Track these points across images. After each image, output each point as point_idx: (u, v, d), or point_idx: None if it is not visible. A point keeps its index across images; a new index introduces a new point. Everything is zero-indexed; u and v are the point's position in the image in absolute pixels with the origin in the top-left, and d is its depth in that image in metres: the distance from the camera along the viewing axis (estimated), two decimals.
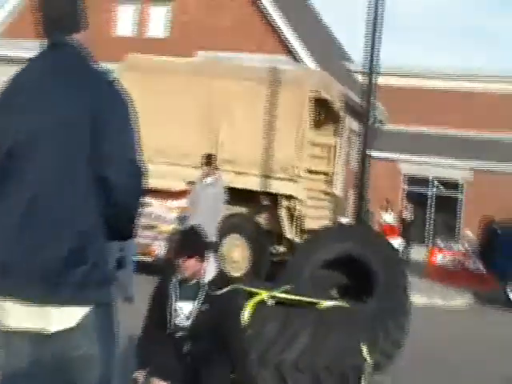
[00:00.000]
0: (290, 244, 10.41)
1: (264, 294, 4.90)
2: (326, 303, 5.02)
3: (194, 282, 4.04)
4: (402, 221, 17.18)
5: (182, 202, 10.17)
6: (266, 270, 10.23)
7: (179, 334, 3.97)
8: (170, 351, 3.99)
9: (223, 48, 17.94)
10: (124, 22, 19.43)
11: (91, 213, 2.32)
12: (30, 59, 2.49)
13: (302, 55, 17.33)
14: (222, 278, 4.13)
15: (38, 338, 2.28)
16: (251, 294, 4.83)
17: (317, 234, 7.25)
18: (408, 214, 17.50)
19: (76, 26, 2.47)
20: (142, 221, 10.60)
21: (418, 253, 17.74)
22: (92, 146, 2.30)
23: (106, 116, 2.33)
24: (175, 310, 3.98)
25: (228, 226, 10.43)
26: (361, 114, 9.00)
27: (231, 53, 17.45)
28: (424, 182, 22.16)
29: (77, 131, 2.30)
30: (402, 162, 22.13)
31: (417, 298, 12.28)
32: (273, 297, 5.02)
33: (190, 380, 4.02)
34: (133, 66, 11.54)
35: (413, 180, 22.41)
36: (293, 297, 5.11)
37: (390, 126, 23.02)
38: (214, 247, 4.26)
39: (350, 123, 17.49)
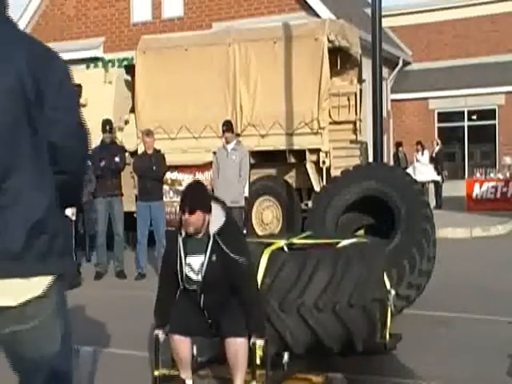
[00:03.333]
0: None
1: (281, 242, 4.99)
2: (344, 242, 5.02)
3: (201, 235, 4.15)
4: (432, 158, 17.17)
5: (210, 174, 10.51)
6: (298, 227, 10.46)
7: (193, 287, 4.16)
8: (187, 306, 4.21)
9: (239, 16, 18.08)
10: (139, 8, 19.63)
11: (48, 186, 2.24)
12: None
13: (318, 9, 17.26)
14: (231, 228, 4.17)
15: (5, 314, 2.22)
16: (269, 245, 4.89)
17: (334, 180, 7.44)
18: (436, 149, 17.50)
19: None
20: (174, 198, 11.05)
21: (459, 188, 17.71)
22: (37, 112, 2.20)
23: (46, 78, 2.23)
24: (186, 266, 4.15)
25: (258, 189, 10.89)
26: (385, 58, 9.07)
27: (247, 19, 17.58)
28: (457, 115, 21.93)
29: (20, 100, 2.17)
30: (433, 99, 21.92)
31: (457, 232, 12.46)
32: (290, 244, 5.11)
33: (208, 331, 4.26)
34: (147, 48, 11.82)
35: (445, 115, 22.19)
36: (310, 241, 5.21)
37: (417, 66, 22.82)
38: (223, 203, 4.38)
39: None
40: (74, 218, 9.24)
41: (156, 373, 4.39)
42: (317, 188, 10.23)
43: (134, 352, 5.51)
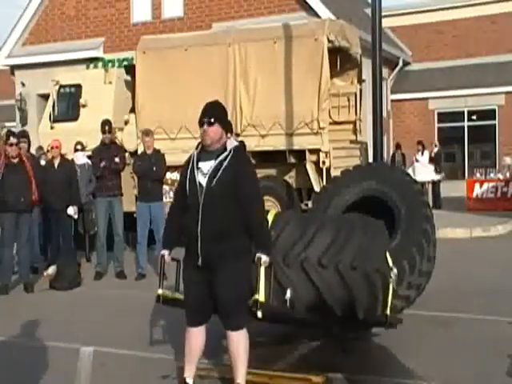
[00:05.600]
0: None
1: None
2: None
3: (216, 147, 4.21)
4: (431, 158, 17.21)
5: None
6: None
7: (197, 197, 4.13)
8: (191, 274, 4.21)
9: (239, 16, 18.08)
10: (139, 8, 19.61)
11: None
12: None
13: (318, 9, 17.25)
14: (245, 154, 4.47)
15: None
16: None
17: (334, 180, 7.44)
18: (434, 150, 17.57)
19: None
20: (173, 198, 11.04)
21: (459, 188, 17.70)
22: None
23: None
24: (197, 170, 4.19)
25: None
26: (385, 58, 9.03)
27: (247, 19, 17.58)
28: (457, 115, 21.92)
29: None
30: (433, 99, 21.91)
31: (457, 232, 12.47)
32: None
33: (212, 305, 4.26)
34: (147, 48, 11.81)
35: (445, 116, 22.19)
36: None
37: (416, 66, 22.82)
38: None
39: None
40: (75, 216, 9.25)
41: (160, 291, 4.45)
42: (317, 188, 10.23)
43: (134, 352, 5.52)
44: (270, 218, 4.77)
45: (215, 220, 4.08)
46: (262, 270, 4.16)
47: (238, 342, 4.17)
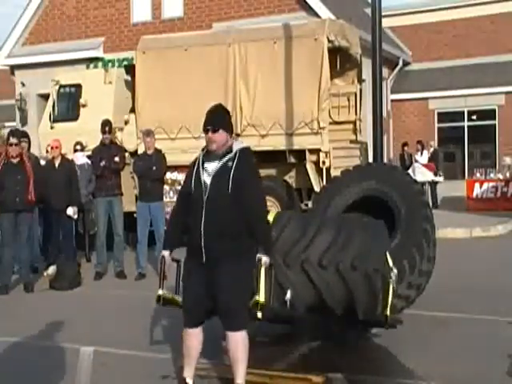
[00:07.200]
0: None
1: None
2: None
3: (223, 150, 4.24)
4: (428, 159, 17.23)
5: None
6: None
7: (201, 194, 4.14)
8: (193, 278, 4.21)
9: (239, 16, 18.09)
10: (139, 8, 19.61)
11: None
12: None
13: (318, 9, 17.25)
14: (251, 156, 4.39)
15: None
16: None
17: (334, 180, 7.44)
18: (430, 150, 17.61)
19: None
20: (173, 198, 11.05)
21: (459, 188, 17.69)
22: None
23: None
24: (203, 170, 4.21)
25: None
26: (385, 58, 9.02)
27: (247, 19, 17.59)
28: (457, 115, 21.93)
29: None
30: (433, 99, 21.92)
31: (457, 232, 12.47)
32: None
33: (213, 305, 4.25)
34: (147, 48, 11.81)
35: (445, 115, 22.20)
36: None
37: (417, 66, 22.82)
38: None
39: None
40: (75, 216, 9.25)
41: (160, 292, 4.43)
42: (317, 188, 10.23)
43: (134, 352, 5.52)
44: (271, 218, 4.78)
45: (218, 219, 4.10)
46: (263, 270, 4.17)
47: (238, 342, 4.15)
